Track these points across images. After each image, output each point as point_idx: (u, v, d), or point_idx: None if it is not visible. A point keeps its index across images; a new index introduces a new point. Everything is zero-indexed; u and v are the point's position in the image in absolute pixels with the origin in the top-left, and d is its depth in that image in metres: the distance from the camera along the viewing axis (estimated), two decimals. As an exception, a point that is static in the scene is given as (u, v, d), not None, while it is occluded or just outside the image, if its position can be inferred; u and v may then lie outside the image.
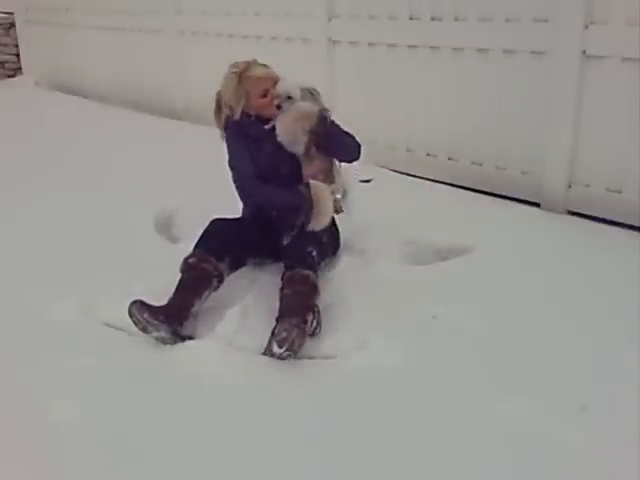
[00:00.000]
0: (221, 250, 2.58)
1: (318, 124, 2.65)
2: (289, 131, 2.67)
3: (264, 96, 2.71)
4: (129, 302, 2.34)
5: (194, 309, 2.45)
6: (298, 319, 2.27)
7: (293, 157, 2.74)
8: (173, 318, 2.36)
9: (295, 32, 4.71)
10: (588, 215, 3.37)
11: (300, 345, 2.24)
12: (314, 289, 2.47)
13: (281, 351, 2.23)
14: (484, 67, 3.69)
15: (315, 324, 2.38)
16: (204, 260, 2.52)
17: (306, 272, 2.47)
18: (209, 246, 2.58)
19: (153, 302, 2.35)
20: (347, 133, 2.75)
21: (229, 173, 2.81)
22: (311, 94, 2.71)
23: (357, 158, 2.80)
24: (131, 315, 2.32)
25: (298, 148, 2.70)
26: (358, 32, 4.30)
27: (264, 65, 2.79)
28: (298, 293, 2.41)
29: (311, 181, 2.69)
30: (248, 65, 2.74)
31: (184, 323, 2.40)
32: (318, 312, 2.43)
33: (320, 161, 2.74)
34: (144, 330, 2.33)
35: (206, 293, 2.49)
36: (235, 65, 2.75)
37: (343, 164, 2.86)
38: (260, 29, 5.00)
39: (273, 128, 2.70)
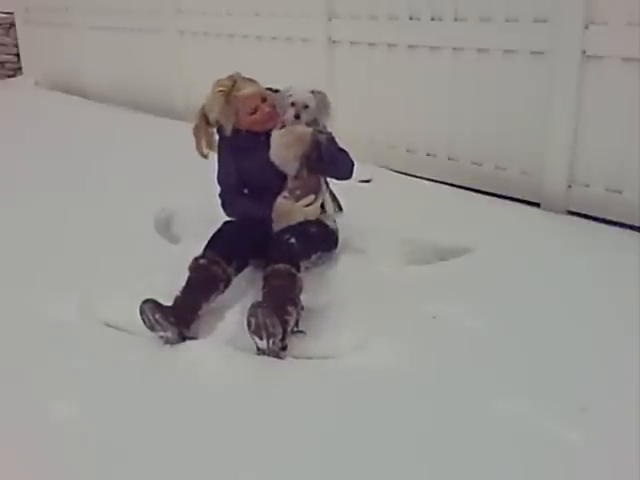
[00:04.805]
0: (231, 253, 2.57)
1: (311, 148, 2.65)
2: (281, 155, 2.68)
3: (253, 113, 2.72)
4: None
5: (201, 312, 2.45)
6: (267, 305, 2.24)
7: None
8: (182, 320, 2.35)
9: (295, 32, 4.71)
10: (588, 215, 3.38)
11: (274, 324, 2.17)
12: (292, 282, 2.41)
13: (264, 342, 2.21)
14: (484, 67, 3.69)
15: (296, 315, 2.33)
16: (214, 263, 2.51)
17: (280, 266, 2.42)
18: (220, 248, 2.57)
19: (164, 302, 2.34)
20: (342, 151, 2.75)
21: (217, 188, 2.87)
22: (319, 102, 2.67)
23: (349, 177, 2.80)
24: (142, 313, 2.31)
25: (289, 170, 2.72)
26: (358, 32, 4.30)
27: (249, 79, 2.76)
28: (274, 288, 2.38)
29: (279, 198, 2.71)
30: (234, 82, 2.71)
31: (191, 326, 2.40)
32: (301, 307, 2.39)
33: (308, 178, 2.74)
34: (151, 328, 2.33)
35: (213, 296, 2.49)
36: (220, 83, 2.72)
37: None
38: (260, 29, 4.99)
39: (267, 138, 2.70)
